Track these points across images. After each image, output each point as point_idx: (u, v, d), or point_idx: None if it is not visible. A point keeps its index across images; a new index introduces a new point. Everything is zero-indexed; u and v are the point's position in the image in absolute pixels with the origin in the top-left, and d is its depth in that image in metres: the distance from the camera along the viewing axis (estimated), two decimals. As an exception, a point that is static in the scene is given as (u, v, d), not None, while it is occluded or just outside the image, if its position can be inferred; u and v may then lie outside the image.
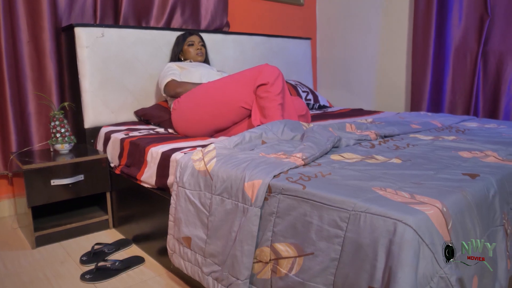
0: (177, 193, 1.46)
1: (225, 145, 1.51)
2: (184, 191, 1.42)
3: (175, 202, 1.47)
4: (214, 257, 1.31)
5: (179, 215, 1.44)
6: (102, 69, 2.28)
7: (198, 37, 2.52)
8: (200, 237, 1.36)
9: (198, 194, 1.38)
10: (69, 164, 1.94)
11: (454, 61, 2.82)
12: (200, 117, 1.94)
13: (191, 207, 1.40)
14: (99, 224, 2.08)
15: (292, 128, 1.68)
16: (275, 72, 1.83)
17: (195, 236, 1.38)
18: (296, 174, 1.18)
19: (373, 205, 0.94)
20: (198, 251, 1.37)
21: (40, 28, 2.21)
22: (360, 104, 3.46)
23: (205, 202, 1.35)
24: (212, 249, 1.32)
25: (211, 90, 1.95)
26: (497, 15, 2.62)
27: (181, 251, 1.45)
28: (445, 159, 1.37)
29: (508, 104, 2.63)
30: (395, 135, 1.81)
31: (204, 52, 2.52)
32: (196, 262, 1.38)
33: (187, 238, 1.41)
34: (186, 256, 1.43)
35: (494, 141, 1.64)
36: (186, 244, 1.42)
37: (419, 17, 2.89)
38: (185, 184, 1.42)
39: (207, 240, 1.34)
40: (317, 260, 1.01)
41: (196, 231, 1.38)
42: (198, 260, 1.37)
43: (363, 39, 3.41)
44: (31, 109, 2.25)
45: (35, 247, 1.90)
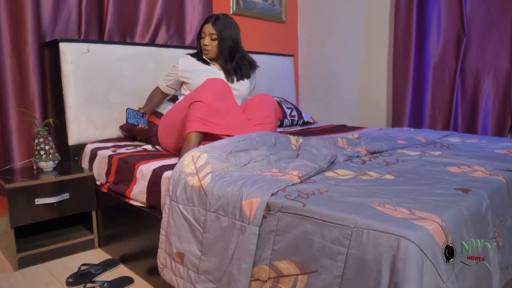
0: (169, 207, 1.45)
1: (219, 154, 1.50)
2: (178, 206, 1.41)
3: (167, 216, 1.45)
4: (209, 274, 1.29)
5: (171, 229, 1.42)
6: (87, 85, 2.25)
7: (210, 26, 2.04)
8: (194, 253, 1.34)
9: (192, 210, 1.36)
10: (54, 183, 1.89)
11: (434, 78, 2.91)
12: (169, 135, 1.97)
13: (184, 222, 1.38)
14: (84, 244, 2.02)
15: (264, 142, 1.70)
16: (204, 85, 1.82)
17: (188, 252, 1.36)
18: (294, 191, 1.19)
19: (375, 221, 0.96)
20: (191, 268, 1.35)
21: (23, 43, 2.17)
22: (342, 120, 3.51)
23: (199, 218, 1.34)
24: (207, 266, 1.30)
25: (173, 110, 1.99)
26: (474, 34, 2.73)
27: (173, 267, 1.43)
28: (435, 174, 1.40)
29: (486, 119, 2.72)
30: (383, 151, 1.84)
31: (213, 48, 2.07)
32: (189, 278, 1.36)
33: (180, 254, 1.39)
34: (178, 272, 1.41)
35: (479, 155, 1.70)
36: (179, 260, 1.40)
37: (399, 35, 2.98)
38: (178, 199, 1.41)
39: (202, 257, 1.32)
40: (321, 278, 1.01)
41: (190, 247, 1.36)
42: (191, 276, 1.35)
43: (344, 56, 3.49)
44: (12, 125, 2.19)
45: (18, 269, 1.83)
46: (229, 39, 2.06)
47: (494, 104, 2.69)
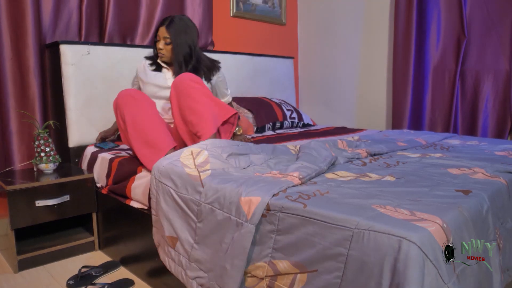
0: (157, 188, 1.47)
1: (219, 154, 1.52)
2: (169, 190, 1.42)
3: (155, 197, 1.48)
4: (200, 263, 1.31)
5: (163, 213, 1.44)
6: (87, 87, 2.25)
7: (164, 30, 1.93)
8: (187, 240, 1.36)
9: (184, 197, 1.38)
10: (55, 185, 1.89)
11: (434, 80, 2.92)
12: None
13: (177, 207, 1.40)
14: (84, 246, 2.02)
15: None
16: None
17: (180, 238, 1.38)
18: (294, 192, 1.19)
19: (376, 222, 0.96)
20: (183, 253, 1.38)
21: (23, 45, 2.17)
22: (341, 122, 3.51)
23: (192, 207, 1.35)
24: (199, 255, 1.32)
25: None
26: (473, 36, 2.74)
27: (165, 249, 1.47)
28: (436, 176, 1.40)
29: (486, 121, 2.73)
30: (384, 153, 1.85)
31: (167, 53, 1.97)
32: (180, 263, 1.39)
33: (172, 238, 1.42)
34: (169, 254, 1.44)
35: (479, 158, 1.70)
36: (170, 244, 1.42)
37: (399, 37, 2.99)
38: (169, 182, 1.43)
39: (194, 245, 1.34)
40: (321, 278, 1.01)
41: (182, 233, 1.38)
42: (182, 261, 1.38)
43: (344, 58, 3.49)
44: (12, 127, 2.19)
45: (18, 271, 1.82)
46: (184, 44, 1.95)
47: (494, 106, 2.70)
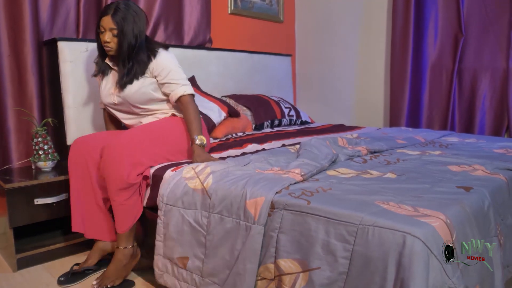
0: (165, 212, 1.44)
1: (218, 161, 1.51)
2: (178, 211, 1.39)
3: (163, 222, 1.44)
4: (214, 276, 1.29)
5: (171, 234, 1.40)
6: (86, 85, 2.24)
7: (110, 19, 1.63)
8: (198, 256, 1.34)
9: (194, 213, 1.35)
10: (54, 183, 1.88)
11: (431, 78, 2.93)
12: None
13: (185, 226, 1.37)
14: (84, 245, 2.01)
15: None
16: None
17: (191, 256, 1.35)
18: (297, 189, 1.19)
19: (380, 218, 0.96)
20: (195, 271, 1.34)
21: (21, 42, 2.15)
22: (339, 120, 3.52)
23: (201, 221, 1.33)
24: (211, 268, 1.29)
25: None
26: (471, 34, 2.75)
27: (175, 272, 1.42)
28: (436, 173, 1.41)
29: (483, 119, 2.74)
30: (384, 151, 1.85)
31: (116, 45, 1.68)
32: (193, 282, 1.35)
33: (182, 258, 1.38)
34: (181, 276, 1.40)
35: (478, 155, 1.71)
36: (181, 265, 1.38)
37: (396, 35, 3.00)
38: (177, 202, 1.40)
39: (205, 260, 1.31)
40: (325, 274, 1.01)
41: (193, 250, 1.35)
42: (196, 279, 1.34)
43: (342, 56, 3.50)
44: (10, 125, 2.17)
45: (17, 270, 1.81)
46: (130, 34, 1.66)
47: (491, 104, 2.71)
